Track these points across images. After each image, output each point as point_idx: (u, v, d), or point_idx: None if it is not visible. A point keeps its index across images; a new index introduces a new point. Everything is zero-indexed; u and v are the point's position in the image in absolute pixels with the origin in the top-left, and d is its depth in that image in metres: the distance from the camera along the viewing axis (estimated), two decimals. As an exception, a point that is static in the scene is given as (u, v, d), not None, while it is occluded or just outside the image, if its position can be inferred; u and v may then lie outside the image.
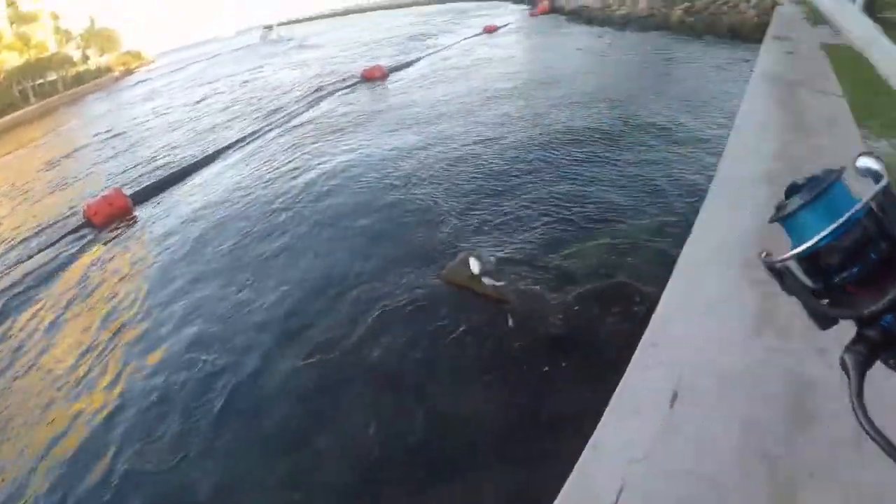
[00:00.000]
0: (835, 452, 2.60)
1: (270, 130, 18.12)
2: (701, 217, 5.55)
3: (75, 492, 4.99)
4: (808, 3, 22.72)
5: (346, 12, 63.37)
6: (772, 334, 3.49)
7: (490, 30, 35.15)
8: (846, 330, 0.78)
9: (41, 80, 54.02)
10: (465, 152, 12.51)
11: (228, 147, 16.85)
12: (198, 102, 28.31)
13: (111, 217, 11.70)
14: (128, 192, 13.18)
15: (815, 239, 0.76)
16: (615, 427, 2.99)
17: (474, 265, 6.65)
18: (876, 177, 0.76)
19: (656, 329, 3.74)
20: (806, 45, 14.98)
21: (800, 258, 0.80)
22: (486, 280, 6.44)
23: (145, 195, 13.32)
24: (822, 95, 10.18)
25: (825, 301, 0.81)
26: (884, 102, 9.50)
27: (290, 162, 14.24)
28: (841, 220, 0.75)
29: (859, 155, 0.81)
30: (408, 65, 26.17)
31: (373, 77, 22.96)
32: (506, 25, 36.96)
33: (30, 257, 10.67)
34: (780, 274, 0.84)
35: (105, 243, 11.30)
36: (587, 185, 9.91)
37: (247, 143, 17.00)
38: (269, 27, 78.97)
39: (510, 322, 5.86)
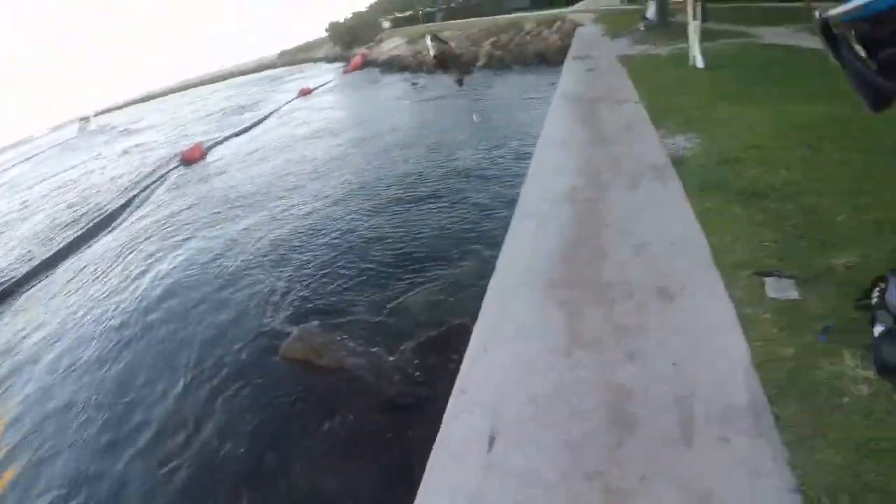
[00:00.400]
0: (662, 452, 2.74)
1: (94, 239, 15.93)
2: (507, 243, 5.71)
3: None
4: (611, 21, 24.65)
5: (162, 93, 61.14)
6: (581, 350, 3.63)
7: (305, 92, 35.39)
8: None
9: None
10: (290, 229, 12.31)
11: (45, 266, 14.49)
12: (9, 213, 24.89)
13: None
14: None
15: None
16: (437, 480, 2.94)
17: (311, 337, 7.03)
18: None
19: (466, 371, 3.76)
20: (605, 60, 15.82)
21: (861, 18, 0.88)
22: (323, 351, 6.71)
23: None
24: (620, 105, 10.48)
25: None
26: (677, 102, 9.77)
27: (119, 271, 12.86)
28: None
29: None
30: (227, 140, 25.22)
31: (193, 158, 22.08)
32: (322, 86, 37.21)
33: None
34: (835, 40, 1.04)
35: None
36: (413, 238, 10.17)
37: (68, 258, 14.70)
38: (86, 118, 74.09)
39: (349, 389, 6.11)
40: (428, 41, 12.45)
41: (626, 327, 3.96)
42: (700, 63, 12.41)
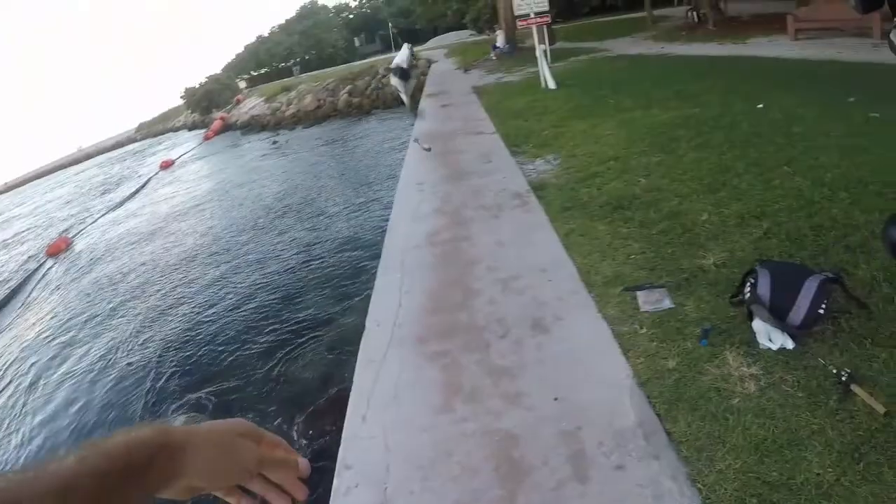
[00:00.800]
0: (557, 495, 2.66)
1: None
2: (374, 301, 5.39)
3: None
4: (462, 54, 25.35)
5: (20, 182, 56.88)
6: (462, 403, 3.49)
7: (166, 165, 33.95)
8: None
9: None
10: (163, 314, 11.08)
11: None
12: None
13: None
14: None
15: None
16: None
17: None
18: None
19: (348, 444, 3.50)
20: (459, 94, 16.18)
21: None
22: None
23: None
24: (476, 137, 10.52)
25: None
26: (533, 126, 9.93)
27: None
28: None
29: None
30: (92, 225, 23.41)
31: (58, 252, 20.31)
32: (183, 155, 36.01)
33: None
34: None
35: None
36: (291, 305, 9.38)
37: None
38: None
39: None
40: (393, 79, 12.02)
41: (505, 369, 3.77)
42: (552, 84, 12.81)
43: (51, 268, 19.15)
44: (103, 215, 25.20)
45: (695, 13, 17.88)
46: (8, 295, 17.65)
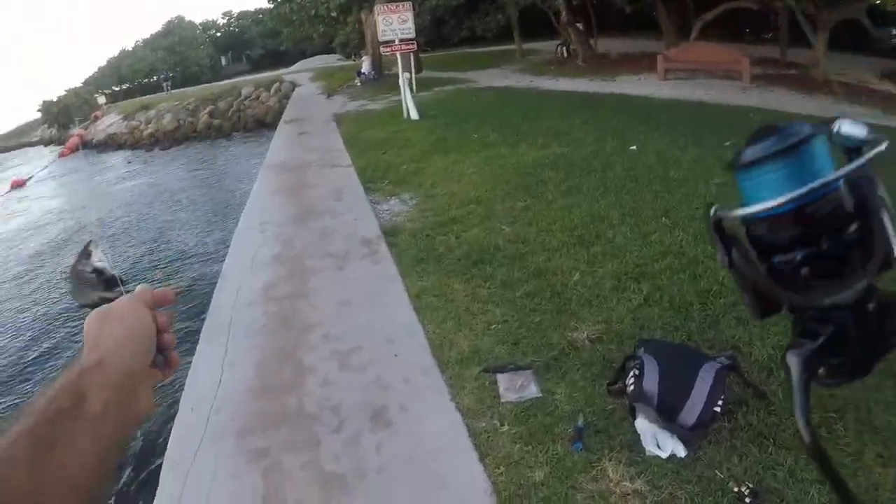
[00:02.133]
0: None
1: None
2: (190, 379, 4.37)
3: None
4: (328, 78, 24.47)
5: None
6: None
7: (17, 184, 30.45)
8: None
9: None
10: None
11: None
12: None
13: None
14: None
15: (781, 200, 0.72)
16: None
17: None
18: (857, 145, 0.71)
19: None
20: (319, 121, 15.30)
21: (754, 220, 0.79)
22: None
23: None
24: (331, 170, 9.64)
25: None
26: (391, 160, 9.14)
27: None
28: (815, 185, 0.71)
29: (838, 118, 0.76)
30: None
31: None
32: (39, 172, 32.69)
33: None
34: (726, 243, 0.85)
35: None
36: None
37: None
38: None
39: None
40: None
41: (336, 478, 2.97)
42: (414, 115, 12.14)
43: None
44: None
45: (564, 48, 17.98)
46: None
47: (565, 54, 17.87)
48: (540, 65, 17.47)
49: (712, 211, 0.87)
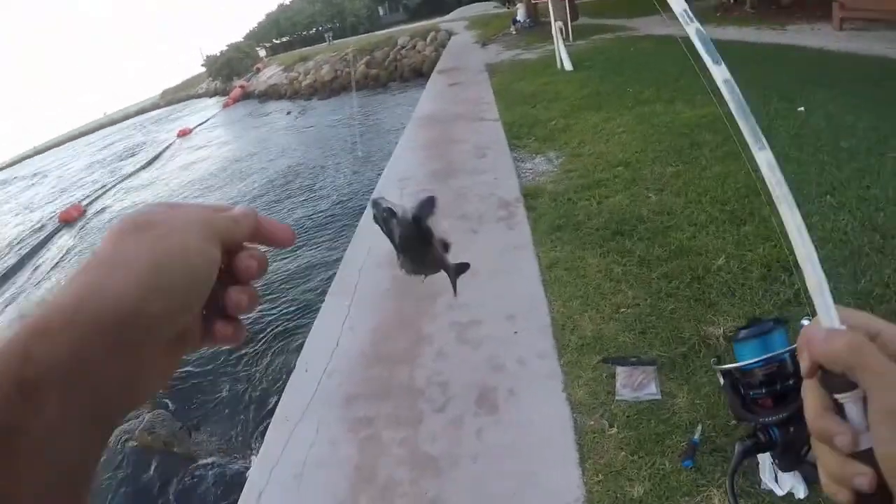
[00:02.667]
0: None
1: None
2: (312, 330, 4.65)
3: None
4: (484, 26, 24.18)
5: (47, 147, 57.06)
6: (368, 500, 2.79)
7: (184, 133, 33.73)
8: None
9: None
10: None
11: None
12: None
13: None
14: None
15: (745, 363, 1.41)
16: None
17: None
18: None
19: None
20: (471, 71, 15.12)
21: (738, 371, 1.43)
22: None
23: None
24: (478, 124, 9.48)
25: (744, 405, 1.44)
26: (540, 115, 8.88)
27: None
28: (766, 356, 1.38)
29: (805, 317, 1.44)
30: (105, 195, 23.11)
31: (70, 219, 20.30)
32: (201, 124, 35.76)
33: None
34: (726, 376, 1.49)
35: None
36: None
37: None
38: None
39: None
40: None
41: (430, 460, 2.93)
42: (568, 65, 11.67)
43: (62, 234, 18.90)
44: (118, 183, 25.02)
45: None
46: (20, 260, 17.38)
47: (732, 0, 16.37)
48: (705, 11, 16.06)
49: (715, 362, 1.58)
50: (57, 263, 15.49)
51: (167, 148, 31.34)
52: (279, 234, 0.47)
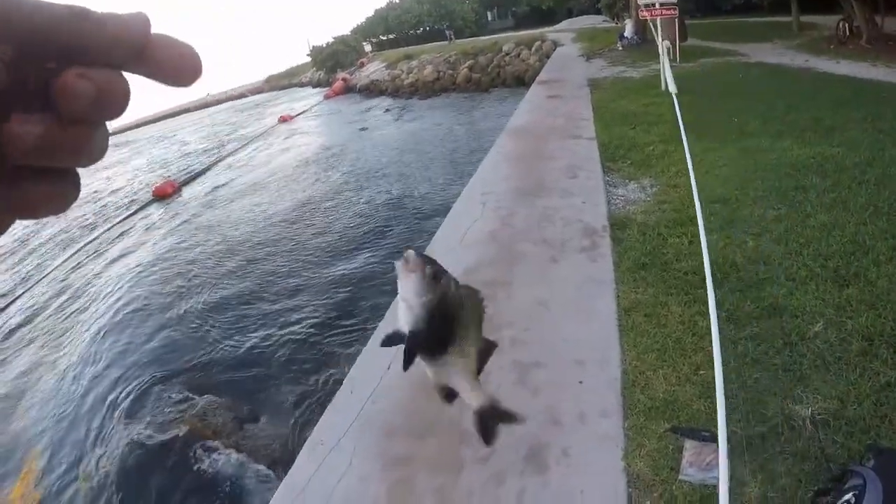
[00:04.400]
0: None
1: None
2: (363, 353, 4.46)
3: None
4: (590, 40, 23.68)
5: (152, 120, 60.39)
6: None
7: (285, 119, 34.78)
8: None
9: None
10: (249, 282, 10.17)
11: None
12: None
13: None
14: None
15: None
16: None
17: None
18: None
19: None
20: (572, 85, 14.80)
21: None
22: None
23: None
24: (572, 142, 9.20)
25: None
26: (638, 137, 8.52)
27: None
28: None
29: None
30: (201, 174, 24.02)
31: (164, 194, 21.20)
32: (303, 112, 36.79)
33: None
34: None
35: None
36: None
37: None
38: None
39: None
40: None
41: None
42: (672, 88, 11.10)
43: (154, 208, 19.59)
44: (217, 162, 25.80)
45: (846, 25, 15.35)
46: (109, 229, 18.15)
47: (847, 32, 15.22)
48: (817, 42, 15.09)
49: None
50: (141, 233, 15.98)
51: (268, 132, 32.24)
52: (175, 62, 0.31)
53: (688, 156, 5.99)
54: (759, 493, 2.52)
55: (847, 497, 2.17)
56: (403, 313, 0.78)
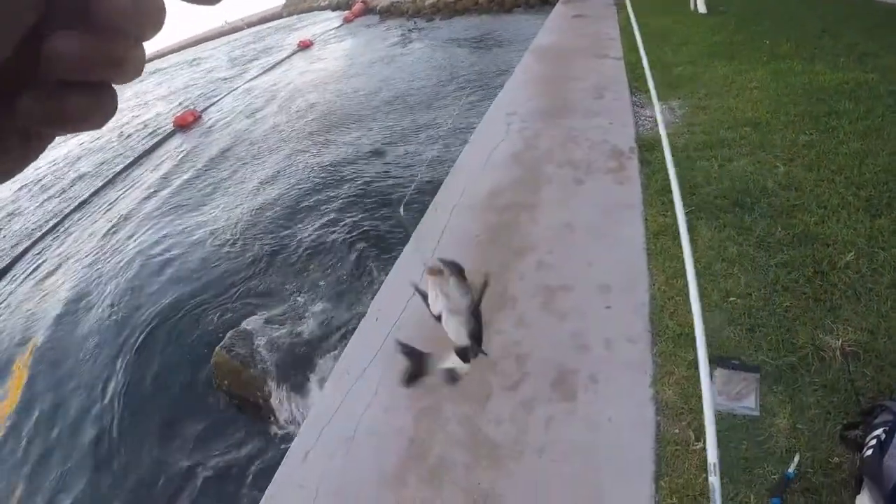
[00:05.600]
0: None
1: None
2: (389, 275, 4.38)
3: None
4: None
5: (171, 50, 59.27)
6: (415, 481, 2.56)
7: (305, 44, 33.94)
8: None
9: None
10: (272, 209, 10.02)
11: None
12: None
13: None
14: None
15: None
16: None
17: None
18: None
19: (274, 492, 2.76)
20: (597, 4, 14.11)
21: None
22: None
23: None
24: (598, 61, 8.83)
25: None
26: (666, 58, 8.27)
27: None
28: None
29: None
30: (221, 100, 23.65)
31: (185, 123, 20.99)
32: (322, 34, 35.94)
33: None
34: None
35: None
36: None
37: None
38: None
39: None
40: None
41: (493, 446, 2.67)
42: (702, 7, 10.63)
43: (176, 138, 19.40)
44: (233, 90, 25.39)
45: None
46: (134, 160, 18.04)
47: None
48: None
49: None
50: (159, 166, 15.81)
51: (288, 57, 31.53)
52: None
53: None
54: (788, 424, 2.48)
55: (877, 433, 2.11)
56: (449, 317, 0.84)
